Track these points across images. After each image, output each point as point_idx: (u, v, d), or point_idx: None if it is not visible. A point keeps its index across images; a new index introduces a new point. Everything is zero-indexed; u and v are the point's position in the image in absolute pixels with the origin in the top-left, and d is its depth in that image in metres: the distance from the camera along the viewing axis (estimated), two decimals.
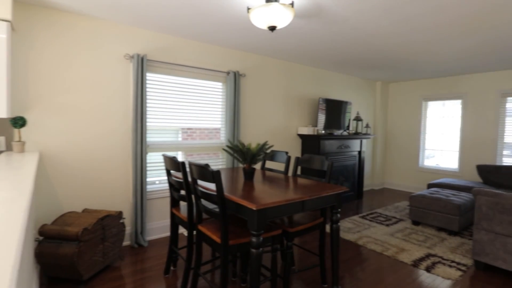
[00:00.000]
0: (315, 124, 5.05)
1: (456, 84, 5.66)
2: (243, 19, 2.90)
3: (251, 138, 4.24)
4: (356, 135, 5.29)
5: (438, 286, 2.57)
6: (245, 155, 2.38)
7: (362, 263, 2.96)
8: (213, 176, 1.82)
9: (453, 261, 2.99)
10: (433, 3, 2.49)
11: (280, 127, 4.61)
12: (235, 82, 3.86)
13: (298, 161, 2.78)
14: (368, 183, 6.42)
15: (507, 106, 5.12)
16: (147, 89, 3.30)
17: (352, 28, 3.09)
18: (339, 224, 2.27)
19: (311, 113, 5.06)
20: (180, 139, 3.74)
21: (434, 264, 2.93)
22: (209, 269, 2.45)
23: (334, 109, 5.03)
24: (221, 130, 3.98)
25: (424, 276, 2.74)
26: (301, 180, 2.50)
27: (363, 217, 4.33)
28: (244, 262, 2.55)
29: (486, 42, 3.50)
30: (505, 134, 5.14)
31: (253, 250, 1.75)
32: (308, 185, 2.31)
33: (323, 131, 4.88)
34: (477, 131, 5.39)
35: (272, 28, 2.44)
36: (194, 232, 2.39)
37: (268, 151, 3.08)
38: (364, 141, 5.52)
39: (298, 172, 4.82)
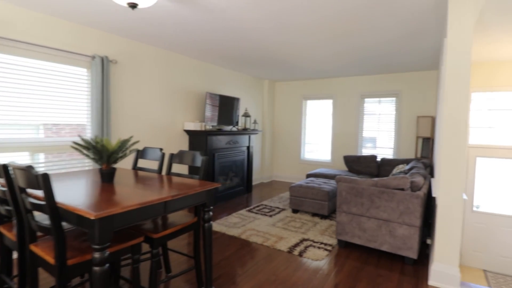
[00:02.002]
0: (203, 120, 4.89)
1: (328, 86, 6.42)
2: None
3: (128, 135, 3.76)
4: (245, 131, 5.39)
5: (307, 268, 2.78)
6: (101, 154, 2.00)
7: (243, 257, 2.96)
8: (39, 180, 1.42)
9: (321, 243, 3.31)
10: (297, 1, 2.63)
11: (164, 122, 4.25)
12: (103, 68, 3.32)
13: (171, 158, 2.55)
14: (258, 176, 6.70)
15: (365, 106, 6.10)
16: None
17: (230, 19, 3.04)
18: (211, 223, 2.16)
19: (199, 108, 4.88)
20: (42, 136, 3.03)
21: (306, 248, 3.17)
22: None
23: (223, 105, 4.99)
24: (87, 126, 3.38)
25: (297, 261, 2.92)
26: (171, 179, 2.28)
27: (249, 210, 4.43)
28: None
29: (347, 50, 4.01)
30: (364, 129, 6.12)
31: (96, 268, 1.43)
32: (177, 183, 2.11)
33: (211, 127, 4.77)
34: (344, 127, 6.26)
35: (133, 6, 2.13)
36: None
37: (132, 148, 2.73)
38: (252, 136, 5.68)
39: (187, 171, 4.58)
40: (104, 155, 1.99)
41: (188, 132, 4.56)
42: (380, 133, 5.95)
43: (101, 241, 1.42)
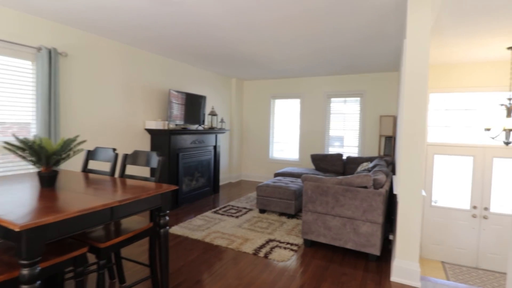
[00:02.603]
0: (166, 118, 4.66)
1: (296, 85, 6.44)
2: None
3: (81, 134, 3.47)
4: (212, 129, 5.24)
5: (273, 270, 2.71)
6: (39, 155, 1.78)
7: (206, 261, 2.83)
8: None
9: (288, 243, 3.26)
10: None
11: (122, 121, 3.99)
12: (50, 61, 3.02)
13: (125, 159, 2.36)
14: (226, 176, 6.57)
15: (331, 105, 6.20)
16: None
17: (190, 13, 2.88)
18: (167, 228, 2.01)
19: (162, 106, 4.65)
20: None
21: (272, 249, 3.11)
22: None
23: (189, 103, 4.80)
24: (32, 124, 3.06)
25: (262, 263, 2.84)
26: (125, 182, 2.10)
27: (215, 211, 4.29)
28: None
29: (313, 50, 4.00)
30: (330, 128, 6.21)
31: (24, 287, 1.24)
32: (130, 186, 1.94)
33: (175, 126, 4.57)
34: (311, 126, 6.31)
35: None
36: None
37: (78, 148, 2.47)
38: (219, 135, 5.54)
39: (148, 173, 4.34)
40: (42, 156, 1.77)
41: (150, 131, 4.33)
42: (347, 132, 6.07)
43: (30, 255, 1.23)
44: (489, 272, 4.53)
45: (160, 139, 4.30)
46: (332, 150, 6.20)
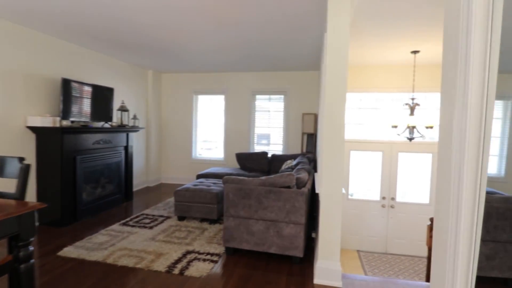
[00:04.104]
0: (57, 114, 3.79)
1: (220, 81, 6.12)
2: None
3: None
4: (122, 127, 4.54)
5: None
6: None
7: None
8: None
9: (208, 253, 2.93)
10: None
11: None
12: None
13: None
14: (142, 180, 5.87)
15: (256, 103, 6.07)
16: None
17: None
18: (32, 261, 1.47)
19: (52, 98, 3.78)
20: None
21: (189, 263, 2.73)
22: None
23: (92, 96, 4.02)
24: None
25: (177, 281, 2.45)
26: None
27: (125, 223, 3.68)
28: None
29: (232, 40, 3.72)
30: (255, 126, 6.08)
31: None
32: None
33: (72, 123, 3.76)
34: (236, 123, 6.08)
35: None
36: None
37: None
38: (132, 134, 4.85)
39: (34, 188, 3.46)
40: None
41: (35, 129, 3.46)
42: (272, 130, 6.02)
43: None
44: (396, 256, 4.98)
45: (49, 139, 3.47)
46: (259, 148, 6.08)
